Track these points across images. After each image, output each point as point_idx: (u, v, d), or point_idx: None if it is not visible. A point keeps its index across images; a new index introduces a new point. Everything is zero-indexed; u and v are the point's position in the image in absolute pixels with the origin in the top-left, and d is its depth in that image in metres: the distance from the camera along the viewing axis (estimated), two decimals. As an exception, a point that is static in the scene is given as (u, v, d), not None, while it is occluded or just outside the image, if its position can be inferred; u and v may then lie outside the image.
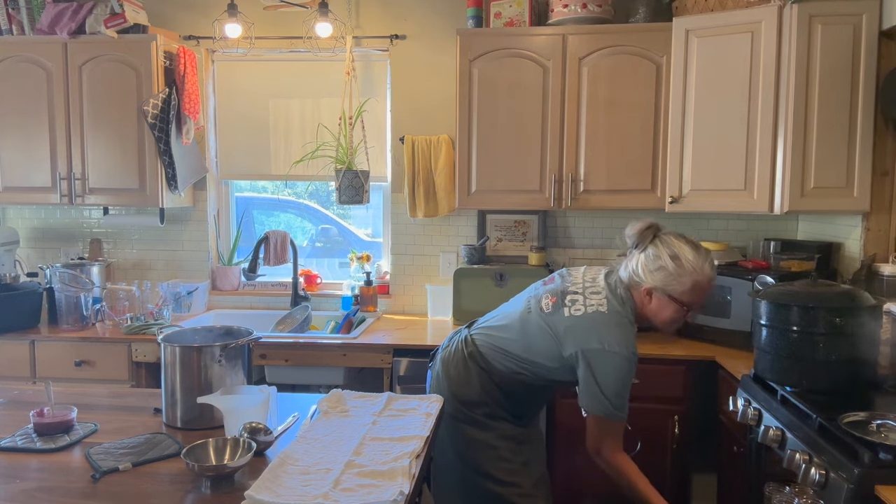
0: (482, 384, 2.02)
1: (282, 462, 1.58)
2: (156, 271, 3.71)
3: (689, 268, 1.83)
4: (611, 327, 1.85)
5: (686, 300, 1.86)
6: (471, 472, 2.04)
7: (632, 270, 1.91)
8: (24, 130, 3.34)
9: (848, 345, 1.93)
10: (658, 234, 1.90)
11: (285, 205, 3.98)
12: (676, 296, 1.85)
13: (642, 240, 1.90)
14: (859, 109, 2.61)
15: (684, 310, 1.88)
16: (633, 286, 1.91)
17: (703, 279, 1.85)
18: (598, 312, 1.87)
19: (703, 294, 1.88)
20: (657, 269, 1.85)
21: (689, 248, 1.86)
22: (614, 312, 1.87)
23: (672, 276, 1.84)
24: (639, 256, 1.90)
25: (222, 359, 1.88)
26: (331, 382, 3.02)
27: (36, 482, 1.53)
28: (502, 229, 3.49)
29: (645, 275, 1.87)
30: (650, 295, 1.88)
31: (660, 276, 1.85)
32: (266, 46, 3.54)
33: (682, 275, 1.84)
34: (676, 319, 1.91)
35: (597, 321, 1.86)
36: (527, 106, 3.09)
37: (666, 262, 1.84)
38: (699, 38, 2.87)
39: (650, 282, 1.87)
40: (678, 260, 1.84)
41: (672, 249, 1.85)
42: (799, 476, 1.71)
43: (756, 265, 2.88)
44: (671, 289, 1.85)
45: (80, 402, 1.98)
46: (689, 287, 1.84)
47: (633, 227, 1.93)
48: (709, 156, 2.88)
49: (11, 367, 3.06)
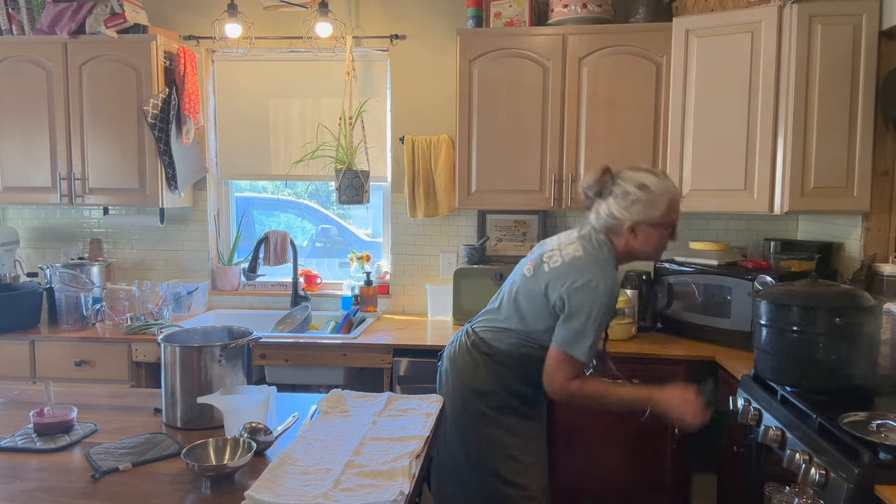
0: (489, 369, 2.05)
1: (282, 462, 1.58)
2: (156, 271, 3.71)
3: (658, 190, 1.90)
4: (590, 265, 1.90)
5: (666, 220, 1.93)
6: (477, 470, 2.05)
7: (606, 216, 1.95)
8: (24, 130, 3.34)
9: (848, 345, 1.93)
10: (614, 176, 1.96)
11: (285, 205, 3.98)
12: (658, 220, 1.91)
13: (604, 185, 1.95)
14: (859, 109, 2.61)
15: (668, 231, 1.94)
16: (613, 230, 1.95)
17: (674, 194, 1.93)
18: (574, 257, 1.93)
19: (678, 209, 1.96)
20: (632, 204, 1.90)
21: (646, 173, 1.93)
22: (590, 253, 1.93)
23: (648, 204, 1.90)
24: (607, 202, 1.94)
25: (222, 359, 1.88)
26: (331, 382, 3.02)
27: (36, 482, 1.53)
28: (502, 229, 3.49)
29: (621, 213, 1.91)
30: (634, 231, 1.92)
31: (637, 209, 1.90)
32: (266, 46, 3.54)
33: (655, 198, 1.90)
34: (664, 244, 1.97)
35: (576, 264, 1.92)
36: (527, 106, 3.09)
37: (637, 194, 1.90)
38: (699, 38, 2.87)
39: (630, 218, 1.91)
40: (646, 188, 1.90)
41: (635, 181, 1.91)
42: (799, 476, 1.71)
43: (756, 265, 2.88)
44: (652, 216, 1.91)
45: (80, 402, 1.98)
46: (665, 208, 1.91)
47: (588, 179, 1.97)
48: (709, 156, 2.88)
49: (11, 367, 3.06)
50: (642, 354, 2.78)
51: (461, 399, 2.07)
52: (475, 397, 2.05)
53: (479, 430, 2.05)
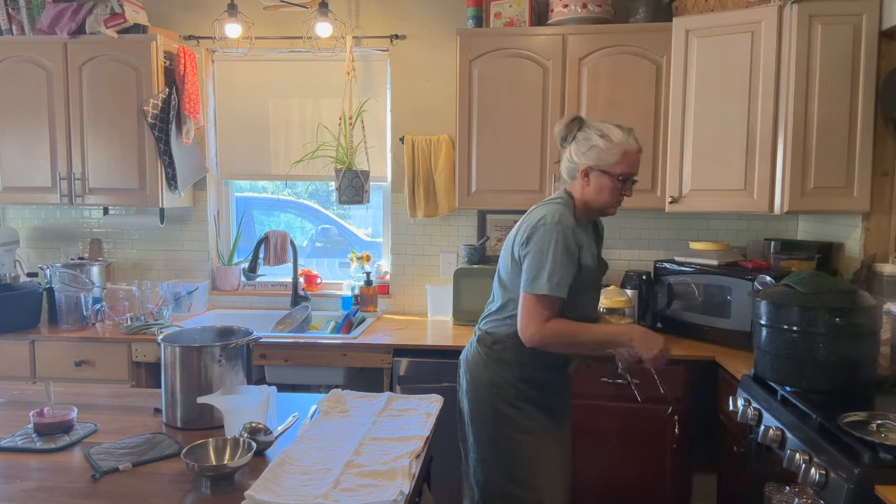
0: (493, 360, 2.06)
1: (282, 462, 1.58)
2: (156, 271, 3.71)
3: (617, 140, 1.99)
4: (541, 210, 2.01)
5: (619, 171, 1.99)
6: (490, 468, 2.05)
7: (567, 160, 2.06)
8: (24, 130, 3.34)
9: (848, 345, 1.93)
10: (583, 123, 2.05)
11: (285, 205, 3.98)
12: (609, 168, 1.99)
13: (570, 131, 2.05)
14: (859, 109, 2.61)
15: (619, 181, 2.00)
16: (573, 175, 2.05)
17: (631, 149, 2.00)
18: (530, 212, 2.06)
19: (633, 165, 2.01)
20: (589, 149, 2.00)
21: (613, 126, 2.02)
22: (542, 204, 2.06)
23: (603, 150, 1.98)
24: (570, 148, 2.05)
25: (222, 359, 1.88)
26: (331, 382, 3.02)
27: (36, 482, 1.53)
28: (502, 229, 3.49)
29: (578, 157, 2.02)
30: (587, 176, 2.01)
31: (593, 155, 2.00)
32: (266, 46, 3.54)
33: (612, 147, 1.98)
34: (615, 195, 2.03)
35: (530, 218, 2.03)
36: (527, 106, 3.09)
37: (596, 140, 1.99)
38: (699, 38, 2.87)
39: (584, 162, 2.01)
40: (606, 136, 1.99)
41: (600, 129, 2.01)
42: (799, 476, 1.71)
43: (756, 265, 2.88)
44: (604, 162, 1.99)
45: (80, 402, 1.98)
46: (619, 157, 1.98)
47: (559, 124, 2.07)
48: (709, 156, 2.88)
49: (11, 367, 3.06)
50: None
51: (474, 396, 2.07)
52: (489, 392, 2.05)
53: (492, 428, 2.04)
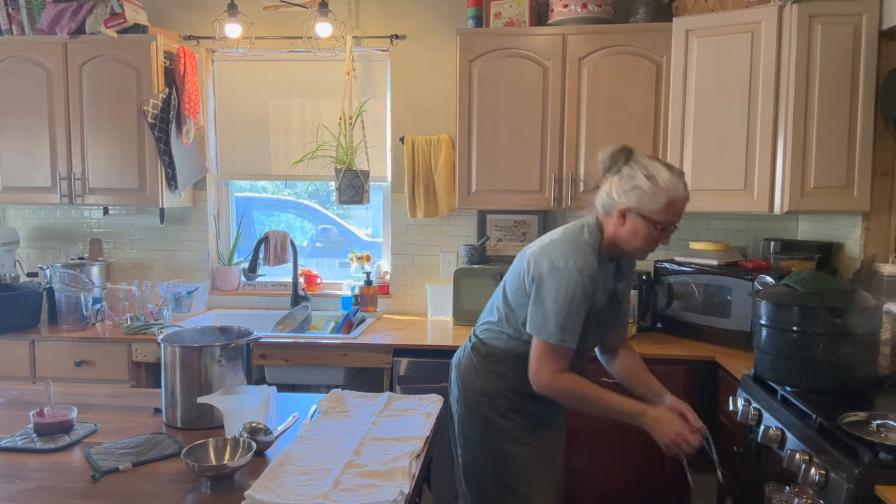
0: (487, 370, 2.01)
1: (282, 462, 1.58)
2: (156, 271, 3.71)
3: (664, 185, 1.81)
4: (562, 245, 1.86)
5: (660, 219, 1.82)
6: (481, 475, 2.02)
7: (605, 194, 1.89)
8: (24, 130, 3.34)
9: (848, 345, 1.93)
10: (631, 156, 1.88)
11: (285, 205, 3.98)
12: (651, 215, 1.82)
13: (615, 162, 1.88)
14: (859, 109, 2.61)
15: (658, 230, 1.84)
16: (607, 210, 1.89)
17: (678, 197, 1.82)
18: (551, 240, 1.91)
19: (677, 213, 1.85)
20: (632, 189, 1.83)
21: (663, 167, 1.84)
22: (567, 236, 1.89)
23: (647, 194, 1.81)
24: (612, 179, 1.88)
25: (222, 359, 1.88)
26: (331, 382, 3.02)
27: (36, 482, 1.53)
28: (502, 229, 3.49)
29: (619, 195, 1.85)
30: (624, 217, 1.85)
31: (634, 196, 1.82)
32: (266, 46, 3.54)
33: (657, 193, 1.80)
34: (650, 243, 1.87)
35: (549, 246, 1.89)
36: (527, 106, 3.09)
37: (640, 180, 1.82)
38: (699, 38, 2.87)
39: (624, 202, 1.84)
40: (653, 179, 1.81)
41: (647, 169, 1.83)
42: (799, 476, 1.71)
43: (756, 265, 2.88)
44: (645, 208, 1.82)
45: (80, 402, 1.98)
46: (663, 205, 1.81)
47: (606, 151, 1.90)
48: (709, 156, 2.88)
49: (11, 367, 3.06)
50: (642, 355, 2.74)
51: (466, 402, 2.03)
52: (481, 401, 2.01)
53: (483, 435, 2.01)
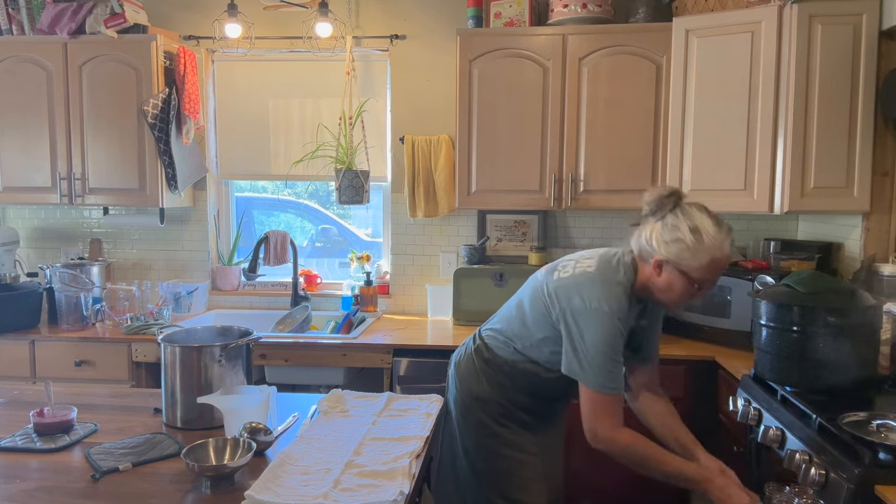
0: (487, 377, 1.98)
1: (282, 462, 1.58)
2: (156, 271, 3.71)
3: (709, 243, 1.69)
4: (595, 284, 1.76)
5: (698, 277, 1.71)
6: (476, 478, 2.01)
7: (645, 239, 1.77)
8: (24, 130, 3.34)
9: (848, 345, 1.93)
10: (679, 203, 1.75)
11: (285, 205, 3.98)
12: (689, 271, 1.71)
13: (661, 207, 1.76)
14: (859, 109, 2.61)
15: (694, 287, 1.73)
16: (644, 256, 1.78)
17: (721, 257, 1.71)
18: (584, 273, 1.79)
19: (718, 273, 1.74)
20: (673, 241, 1.71)
21: (710, 221, 1.71)
22: (602, 272, 1.78)
23: (688, 249, 1.70)
24: (654, 225, 1.76)
25: (222, 359, 1.88)
26: (331, 382, 3.02)
27: (36, 482, 1.53)
28: (502, 229, 3.49)
29: (659, 245, 1.73)
30: (660, 267, 1.75)
31: (675, 249, 1.71)
32: (266, 46, 3.54)
33: (700, 250, 1.69)
34: (684, 297, 1.77)
35: (581, 279, 1.78)
36: (527, 106, 3.09)
37: (684, 233, 1.70)
38: (699, 38, 2.87)
39: (663, 253, 1.73)
40: (698, 234, 1.69)
41: (693, 221, 1.71)
42: (799, 476, 1.71)
43: (756, 265, 2.88)
44: (685, 263, 1.71)
45: (80, 402, 1.98)
46: (705, 263, 1.70)
47: (653, 193, 1.78)
48: (709, 156, 2.88)
49: (11, 367, 3.06)
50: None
51: (462, 405, 2.02)
52: (475, 405, 1.99)
53: (477, 439, 1.99)
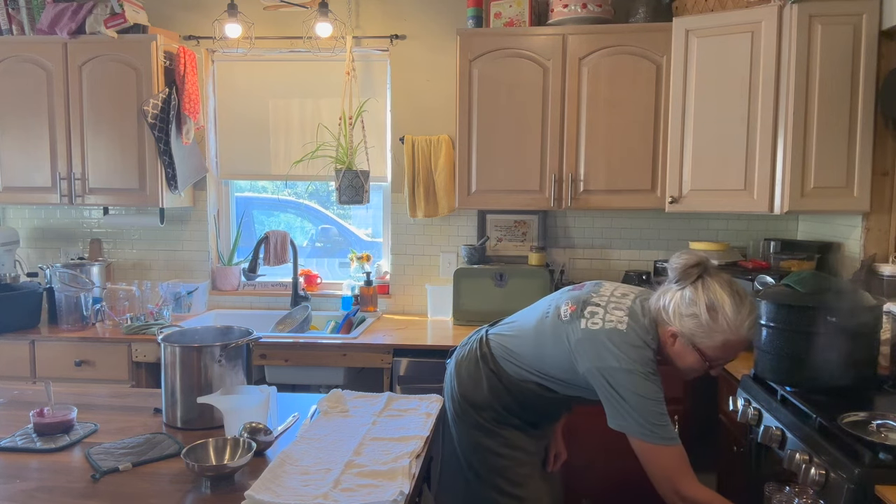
0: (491, 388, 1.96)
1: (282, 462, 1.58)
2: (156, 271, 3.71)
3: (724, 325, 1.65)
4: (627, 347, 1.70)
5: (711, 355, 1.70)
6: (475, 478, 2.01)
7: (662, 306, 1.74)
8: (24, 130, 3.34)
9: (848, 345, 1.93)
10: (703, 276, 1.70)
11: (285, 205, 3.98)
12: (702, 348, 1.69)
13: (685, 277, 1.71)
14: (859, 109, 2.61)
15: (706, 364, 1.72)
16: (660, 322, 1.75)
17: (736, 340, 1.67)
18: (615, 330, 1.73)
19: (734, 353, 1.72)
20: (689, 316, 1.68)
21: (731, 301, 1.66)
22: (633, 333, 1.72)
23: (703, 327, 1.67)
24: (675, 293, 1.72)
25: (222, 359, 1.88)
26: (331, 382, 3.02)
27: (36, 482, 1.53)
28: (502, 229, 3.49)
29: (674, 317, 1.70)
30: (674, 338, 1.72)
31: (689, 324, 1.68)
32: (266, 46, 3.54)
33: (714, 330, 1.66)
34: (695, 371, 1.75)
35: (612, 338, 1.72)
36: (527, 106, 3.09)
37: (701, 310, 1.66)
38: (699, 38, 2.87)
39: (677, 325, 1.70)
40: (714, 312, 1.66)
41: (711, 299, 1.66)
42: (799, 476, 1.71)
43: (756, 265, 2.88)
44: (698, 340, 1.69)
45: (80, 402, 1.98)
46: (718, 344, 1.68)
47: (680, 260, 1.73)
48: (709, 156, 2.88)
49: (11, 367, 3.06)
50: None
51: (458, 406, 2.02)
52: (470, 409, 1.99)
53: (473, 438, 1.99)
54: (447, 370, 2.15)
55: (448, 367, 2.15)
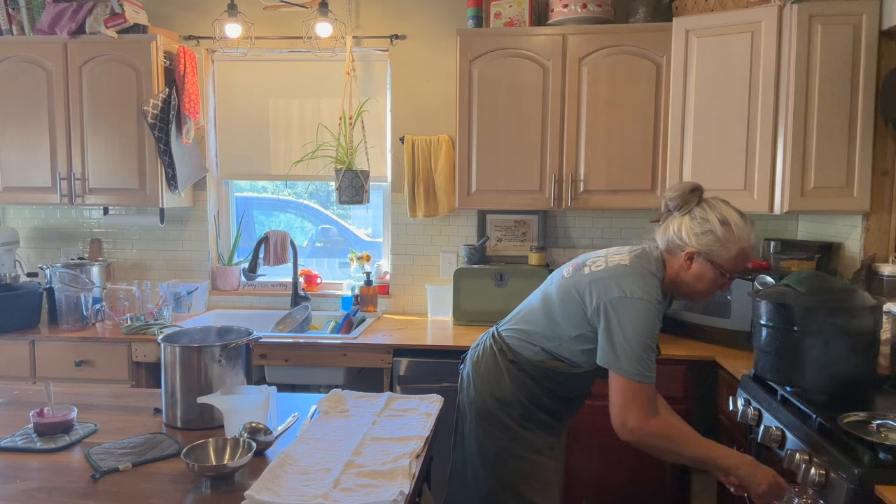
0: (513, 379, 1.95)
1: (282, 462, 1.58)
2: (156, 271, 3.71)
3: (738, 234, 1.76)
4: (632, 276, 1.78)
5: (729, 267, 1.78)
6: (492, 480, 1.98)
7: (673, 233, 1.83)
8: (24, 130, 3.34)
9: (848, 345, 1.93)
10: (702, 197, 1.83)
11: (285, 205, 3.98)
12: (721, 262, 1.77)
13: (687, 202, 1.82)
14: (859, 109, 2.61)
15: (725, 278, 1.80)
16: (672, 250, 1.83)
17: (749, 246, 1.78)
18: (619, 265, 1.82)
19: (746, 262, 1.81)
20: (704, 233, 1.77)
21: (736, 213, 1.79)
22: (637, 265, 1.82)
23: (720, 241, 1.76)
24: (682, 219, 1.82)
25: (222, 359, 1.88)
26: (331, 382, 3.02)
27: (36, 482, 1.53)
28: (502, 229, 3.49)
29: (690, 238, 1.79)
30: (691, 260, 1.80)
31: (706, 240, 1.77)
32: (266, 46, 3.54)
33: (731, 241, 1.76)
34: (714, 288, 1.83)
35: (618, 271, 1.80)
36: (527, 106, 3.09)
37: (715, 226, 1.77)
38: (699, 38, 2.87)
39: (695, 245, 1.78)
40: (728, 225, 1.76)
41: (721, 213, 1.78)
42: (799, 476, 1.71)
43: (756, 265, 2.88)
44: (716, 254, 1.77)
45: (80, 402, 1.98)
46: (735, 254, 1.77)
47: (677, 189, 1.84)
48: (709, 156, 2.88)
49: (11, 367, 3.06)
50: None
51: (483, 406, 1.98)
52: (498, 406, 1.97)
53: (499, 441, 1.97)
54: (461, 375, 2.12)
55: (462, 372, 2.12)
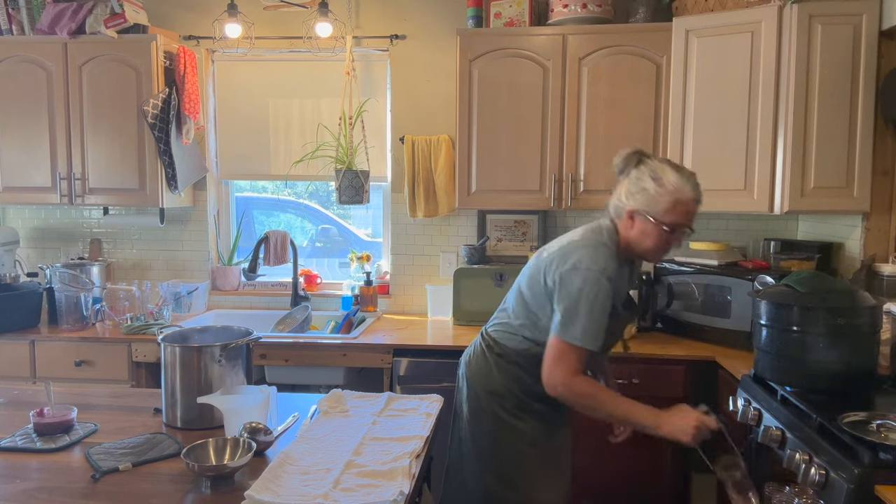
0: (502, 371, 1.99)
1: (282, 462, 1.58)
2: (156, 271, 3.71)
3: (670, 187, 1.82)
4: (581, 248, 1.86)
5: (667, 220, 1.82)
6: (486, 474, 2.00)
7: (616, 198, 1.92)
8: (24, 130, 3.34)
9: (848, 345, 1.93)
10: (643, 158, 1.90)
11: (285, 205, 3.98)
12: (657, 216, 1.83)
13: (627, 165, 1.91)
14: (859, 109, 2.61)
15: (667, 232, 1.84)
16: (619, 214, 1.91)
17: (685, 197, 1.83)
18: (571, 242, 1.91)
19: (686, 215, 1.85)
20: (639, 191, 1.85)
21: (671, 168, 1.85)
22: (586, 237, 1.90)
23: (652, 196, 1.83)
24: (622, 182, 1.91)
25: (222, 359, 1.88)
26: (331, 382, 3.02)
27: (36, 482, 1.53)
28: (502, 229, 3.49)
29: (627, 197, 1.88)
30: (632, 219, 1.88)
31: (641, 198, 1.85)
32: (266, 46, 3.54)
33: (663, 194, 1.82)
34: (661, 245, 1.87)
35: (569, 248, 1.89)
36: (527, 106, 3.09)
37: (647, 182, 1.84)
38: (699, 38, 2.87)
39: (632, 204, 1.86)
40: (659, 180, 1.83)
41: (654, 171, 1.85)
42: (799, 476, 1.71)
43: (756, 265, 2.88)
44: (652, 210, 1.83)
45: (80, 402, 1.98)
46: (669, 206, 1.82)
47: (619, 155, 1.93)
48: (709, 156, 2.88)
49: (11, 367, 3.06)
50: (642, 354, 2.78)
51: (477, 401, 2.02)
52: (490, 399, 1.99)
53: (493, 435, 1.99)
54: (458, 374, 2.16)
55: (458, 371, 2.16)
